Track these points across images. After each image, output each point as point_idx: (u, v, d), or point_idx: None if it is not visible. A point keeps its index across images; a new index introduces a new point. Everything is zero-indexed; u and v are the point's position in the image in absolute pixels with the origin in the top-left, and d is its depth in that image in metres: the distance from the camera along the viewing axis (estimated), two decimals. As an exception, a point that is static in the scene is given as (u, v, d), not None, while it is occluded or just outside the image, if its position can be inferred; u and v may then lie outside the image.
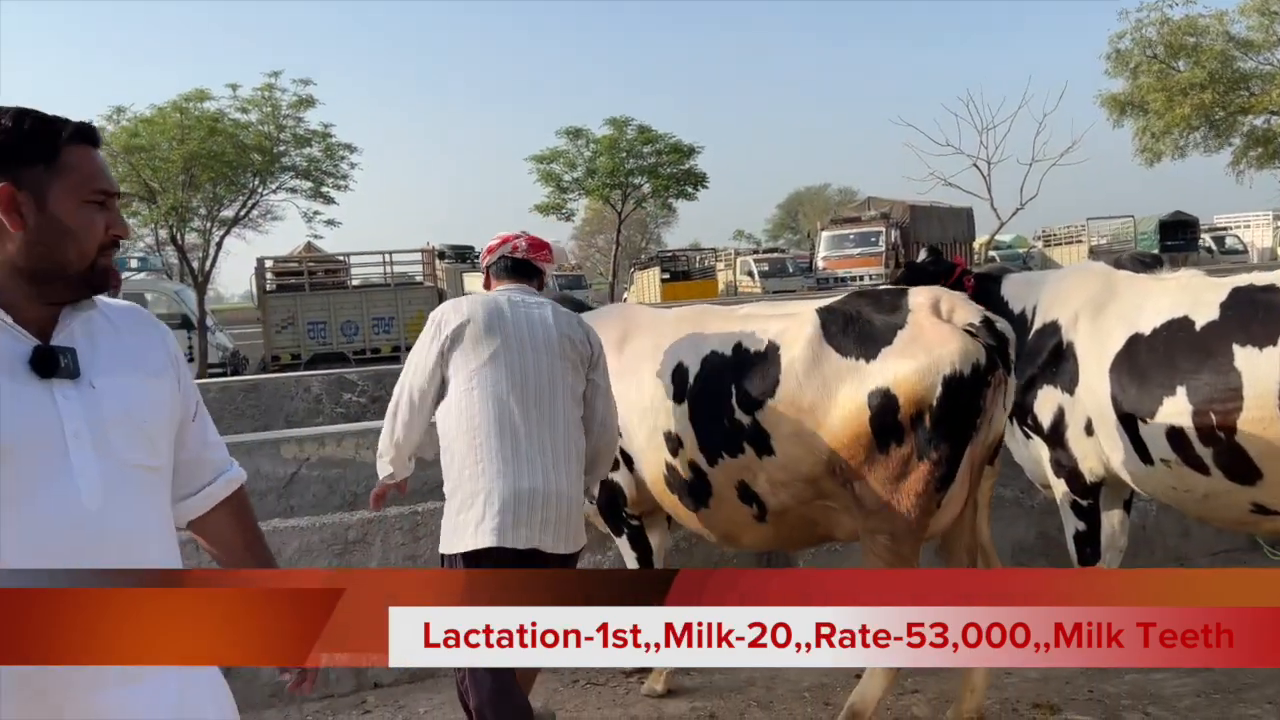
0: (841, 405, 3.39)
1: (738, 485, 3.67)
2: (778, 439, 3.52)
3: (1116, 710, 3.97)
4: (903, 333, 3.39)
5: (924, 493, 3.35)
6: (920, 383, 3.30)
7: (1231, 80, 23.03)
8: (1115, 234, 40.35)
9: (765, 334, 3.65)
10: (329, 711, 4.33)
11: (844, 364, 3.43)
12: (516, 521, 3.13)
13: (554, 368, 3.29)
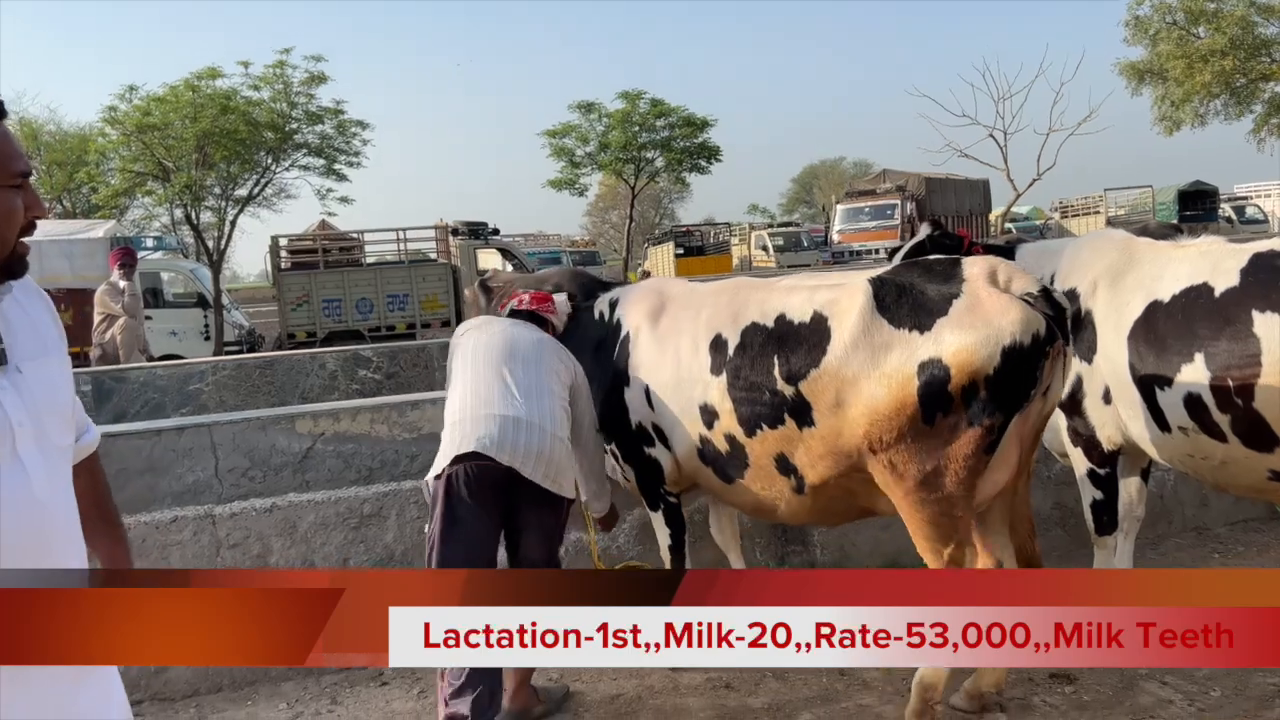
0: (888, 376, 3.32)
1: (776, 457, 3.63)
2: (819, 410, 3.47)
3: (1134, 679, 3.95)
4: (959, 302, 3.31)
5: (971, 458, 3.30)
6: (978, 353, 3.23)
7: (1253, 46, 22.68)
8: (1133, 204, 39.90)
9: (811, 304, 3.59)
10: (347, 684, 4.36)
11: (895, 335, 3.36)
12: (501, 441, 3.51)
13: (542, 356, 3.82)
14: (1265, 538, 5.52)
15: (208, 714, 4.14)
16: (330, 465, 5.19)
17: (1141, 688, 3.88)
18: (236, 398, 8.53)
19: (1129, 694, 3.84)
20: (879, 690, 4.01)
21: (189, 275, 19.06)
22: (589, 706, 4.00)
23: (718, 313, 3.86)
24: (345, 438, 5.23)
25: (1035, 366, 3.30)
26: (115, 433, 4.87)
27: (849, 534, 5.08)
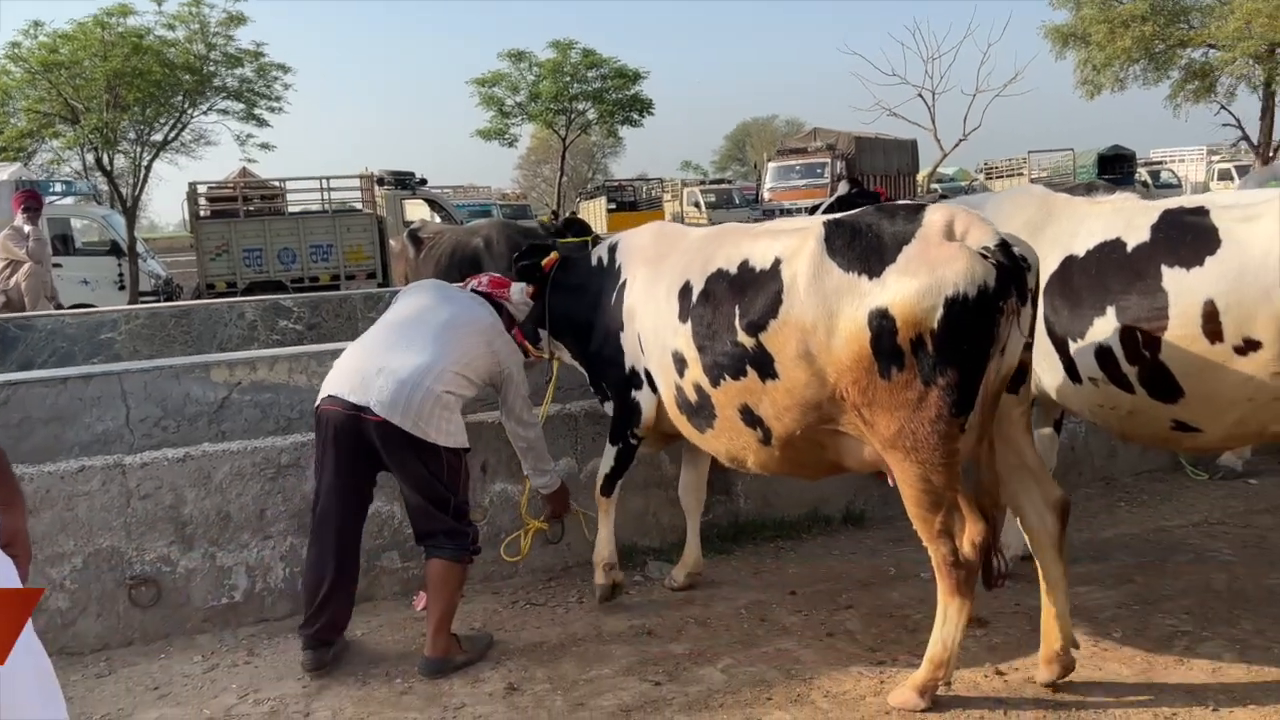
0: (843, 326, 3.21)
1: (740, 409, 3.57)
2: (781, 362, 3.38)
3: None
4: (908, 248, 3.16)
5: (940, 419, 3.13)
6: (920, 303, 3.07)
7: (1172, 13, 23.19)
8: (1055, 167, 40.71)
9: (772, 250, 3.49)
10: (264, 635, 4.30)
11: (845, 280, 3.23)
12: (362, 384, 3.80)
13: (454, 331, 3.96)
14: (1168, 487, 5.74)
15: (118, 667, 4.05)
16: (247, 415, 5.06)
17: (1048, 630, 4.00)
18: (151, 348, 8.26)
19: (1037, 636, 3.96)
20: (798, 635, 4.08)
21: (102, 222, 18.34)
22: (512, 654, 4.00)
23: (692, 260, 3.83)
24: (263, 387, 5.09)
25: (987, 322, 3.12)
26: (18, 380, 4.67)
27: (772, 484, 5.14)
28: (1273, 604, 4.14)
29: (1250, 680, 3.52)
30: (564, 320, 4.51)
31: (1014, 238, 3.35)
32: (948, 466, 3.22)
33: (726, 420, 3.65)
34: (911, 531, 5.24)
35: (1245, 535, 4.98)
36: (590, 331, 4.34)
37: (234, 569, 4.33)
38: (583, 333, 4.41)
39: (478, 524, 4.65)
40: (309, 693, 3.78)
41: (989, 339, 3.14)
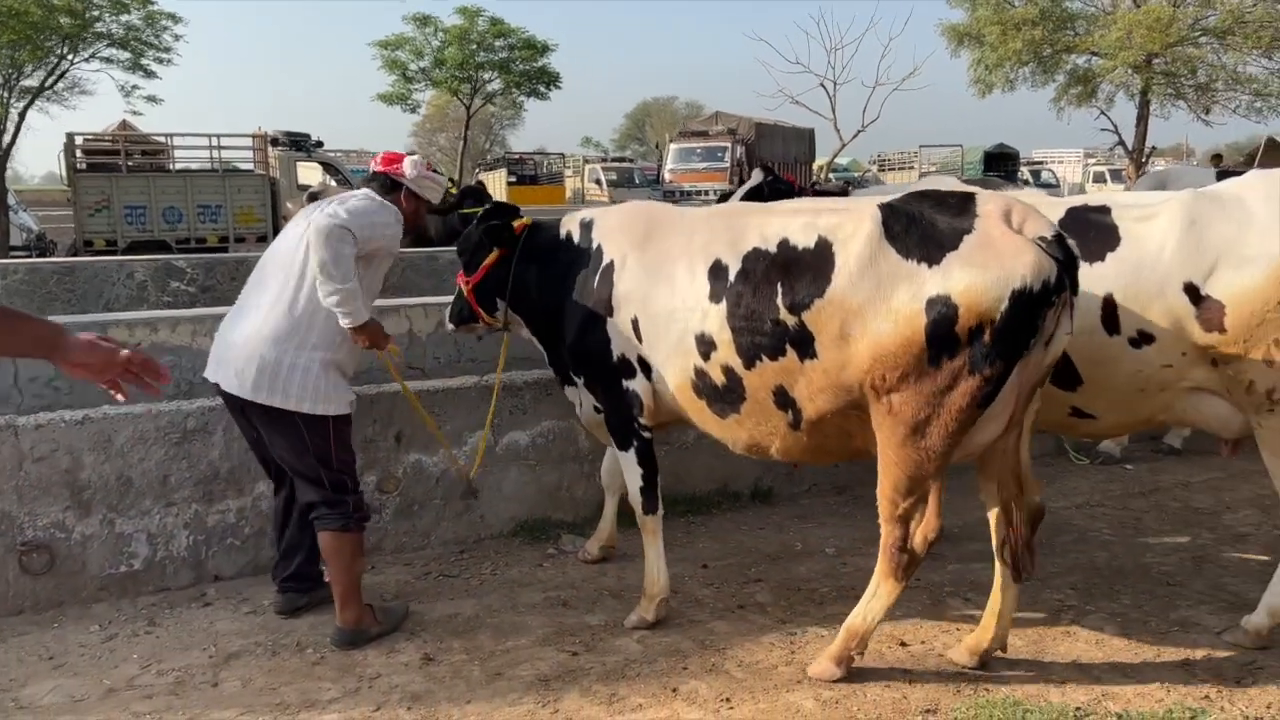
0: (895, 310, 3.14)
1: (775, 390, 3.45)
2: (822, 342, 3.29)
3: (941, 596, 4.28)
4: (970, 238, 3.11)
5: (966, 409, 3.13)
6: (988, 294, 3.04)
7: (1060, 19, 24.13)
8: (945, 161, 42.06)
9: (815, 229, 3.38)
10: (165, 604, 4.16)
11: (903, 266, 3.16)
12: (215, 358, 3.84)
13: (295, 250, 3.74)
14: (1053, 471, 6.04)
15: (8, 637, 3.86)
16: (147, 378, 4.87)
17: (948, 604, 4.20)
18: (30, 305, 7.81)
19: (937, 609, 4.15)
20: (711, 607, 4.17)
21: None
22: (427, 625, 3.98)
23: (715, 238, 3.62)
24: (163, 349, 4.89)
25: (1041, 315, 3.13)
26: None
27: (685, 460, 5.22)
28: (1148, 580, 4.42)
29: (1130, 650, 3.76)
30: (528, 295, 4.15)
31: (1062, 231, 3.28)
32: (946, 456, 3.24)
33: (757, 404, 3.50)
34: (817, 508, 5.46)
35: (1123, 516, 5.30)
36: (559, 314, 4.01)
37: (134, 536, 4.17)
38: (550, 313, 4.07)
39: (390, 494, 4.62)
40: (215, 663, 3.69)
41: (1039, 332, 3.16)
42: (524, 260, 4.15)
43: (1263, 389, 3.55)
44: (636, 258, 3.84)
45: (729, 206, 4.06)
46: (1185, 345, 3.63)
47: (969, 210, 3.20)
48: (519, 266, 4.15)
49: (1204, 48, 23.45)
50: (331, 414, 3.71)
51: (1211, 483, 5.83)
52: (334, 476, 3.76)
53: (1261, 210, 3.58)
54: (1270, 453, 3.65)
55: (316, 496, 3.77)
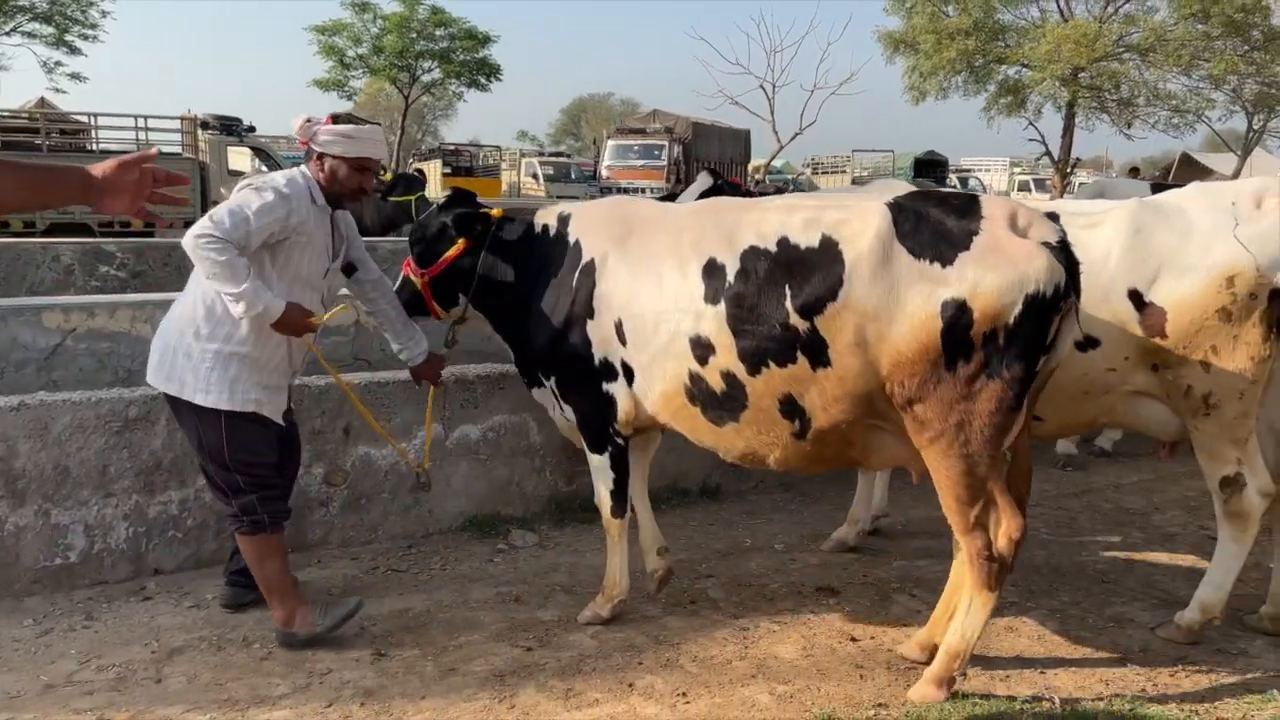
0: (909, 314, 3.07)
1: (782, 398, 3.30)
2: (836, 349, 3.17)
3: (888, 592, 4.36)
4: (979, 239, 3.06)
5: (998, 412, 3.08)
6: (1003, 297, 3.01)
7: (992, 30, 24.73)
8: (876, 166, 42.93)
9: (818, 226, 3.25)
10: (103, 599, 4.03)
11: (916, 266, 3.08)
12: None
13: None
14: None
15: (-65, 632, 3.71)
16: (83, 364, 4.72)
17: (895, 600, 4.28)
18: (-52, 287, 7.52)
19: (885, 605, 4.23)
20: (663, 602, 4.18)
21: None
22: (377, 621, 3.91)
23: (705, 235, 3.47)
24: (101, 335, 4.77)
25: (1051, 319, 3.11)
26: None
27: (634, 456, 5.22)
28: (1084, 578, 4.56)
29: (1070, 645, 3.87)
30: (497, 291, 3.94)
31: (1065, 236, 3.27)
32: (995, 459, 3.16)
33: (760, 412, 3.35)
34: (764, 504, 5.51)
35: (1058, 516, 5.45)
36: (529, 313, 3.84)
37: (70, 528, 4.03)
38: (522, 312, 3.87)
39: (337, 487, 4.54)
40: (158, 658, 3.58)
41: (1051, 334, 3.15)
42: (493, 254, 3.93)
43: (1199, 393, 3.69)
44: (621, 254, 3.66)
45: (716, 202, 3.88)
46: (1128, 350, 3.76)
47: (975, 212, 3.14)
48: (488, 260, 3.93)
49: (1127, 64, 24.25)
50: (224, 408, 3.50)
51: (1141, 484, 6.04)
52: (225, 476, 3.58)
53: (1202, 221, 3.72)
54: (1204, 455, 3.79)
55: (212, 492, 3.76)
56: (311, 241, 3.61)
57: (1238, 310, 3.60)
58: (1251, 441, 3.73)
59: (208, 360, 3.50)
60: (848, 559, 4.73)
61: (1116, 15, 24.38)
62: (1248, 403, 3.67)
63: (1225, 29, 22.78)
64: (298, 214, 3.52)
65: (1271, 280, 3.58)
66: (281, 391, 3.73)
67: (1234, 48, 23.19)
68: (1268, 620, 3.95)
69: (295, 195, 3.53)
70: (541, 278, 3.83)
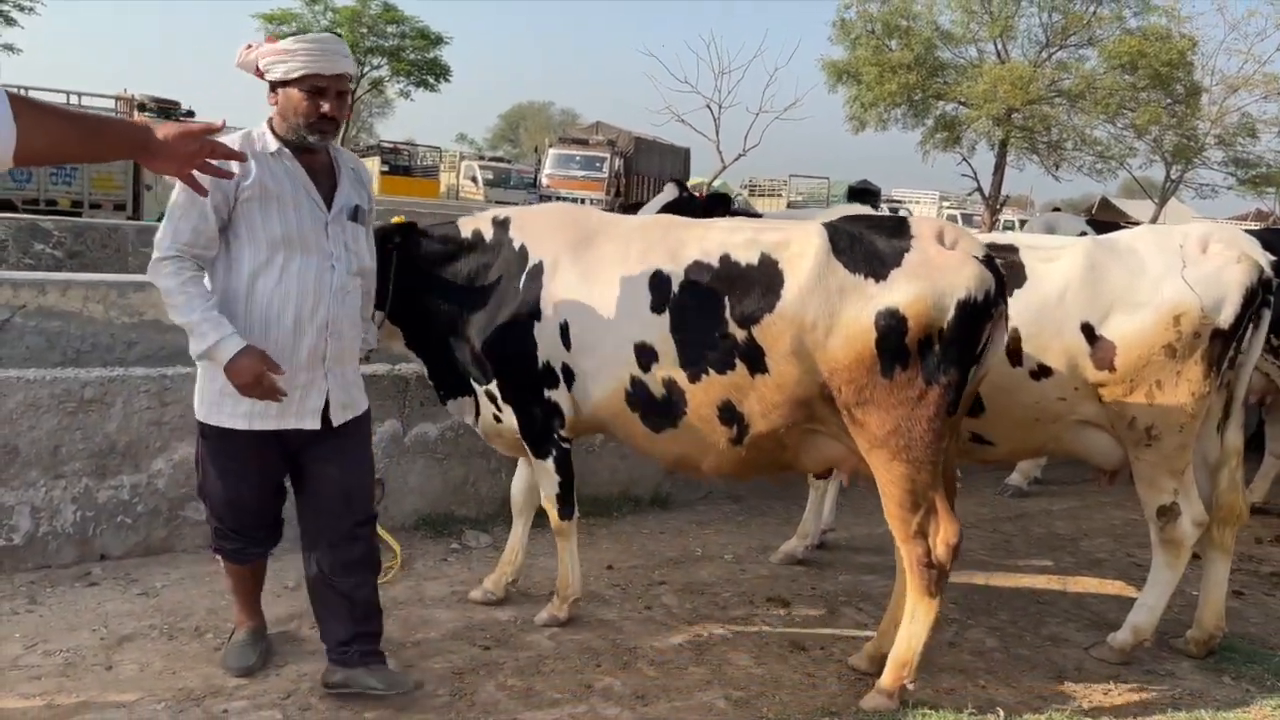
0: (845, 325, 3.23)
1: (721, 405, 3.42)
2: (774, 356, 3.31)
3: (835, 605, 4.46)
4: (909, 256, 3.25)
5: (936, 417, 3.22)
6: (936, 305, 3.19)
7: (933, 66, 25.36)
8: (811, 192, 43.60)
9: (758, 244, 3.42)
10: (46, 583, 3.92)
11: (851, 280, 3.26)
12: None
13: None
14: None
15: None
16: (30, 342, 4.59)
17: (842, 613, 4.39)
18: (-126, 257, 7.23)
19: (833, 618, 4.33)
20: (618, 606, 4.23)
21: None
22: (332, 614, 3.88)
23: (651, 247, 3.57)
24: (51, 313, 4.64)
25: (984, 325, 3.28)
26: None
27: (589, 462, 5.26)
28: (1021, 597, 4.73)
29: (1009, 662, 4.02)
30: (419, 303, 3.84)
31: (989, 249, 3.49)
32: (934, 464, 3.29)
33: (699, 418, 3.46)
34: (714, 515, 5.59)
35: (994, 539, 5.64)
36: (462, 319, 3.79)
37: (16, 508, 3.92)
38: (450, 319, 3.82)
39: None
40: (107, 645, 3.51)
41: (983, 341, 3.33)
42: (409, 264, 3.80)
43: (1143, 425, 3.87)
44: (570, 260, 3.69)
45: (660, 219, 4.00)
46: (1078, 380, 3.93)
47: (905, 231, 3.34)
48: (402, 272, 3.78)
49: (1058, 108, 25.10)
50: (200, 419, 3.18)
51: (1070, 511, 6.28)
52: (199, 486, 3.35)
53: (1153, 261, 3.91)
54: (1144, 484, 3.97)
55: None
56: (275, 195, 3.03)
57: (1182, 347, 3.80)
58: (1188, 473, 3.93)
59: (200, 369, 3.15)
60: (796, 571, 4.83)
61: (1050, 61, 25.22)
62: (1187, 435, 3.87)
63: (1151, 81, 23.75)
64: (241, 173, 2.96)
65: (1214, 321, 3.79)
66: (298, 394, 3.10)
67: (1158, 99, 24.18)
68: (1193, 644, 4.15)
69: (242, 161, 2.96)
70: (476, 282, 3.78)
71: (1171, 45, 23.34)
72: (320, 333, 3.11)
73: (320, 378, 3.14)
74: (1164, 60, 23.09)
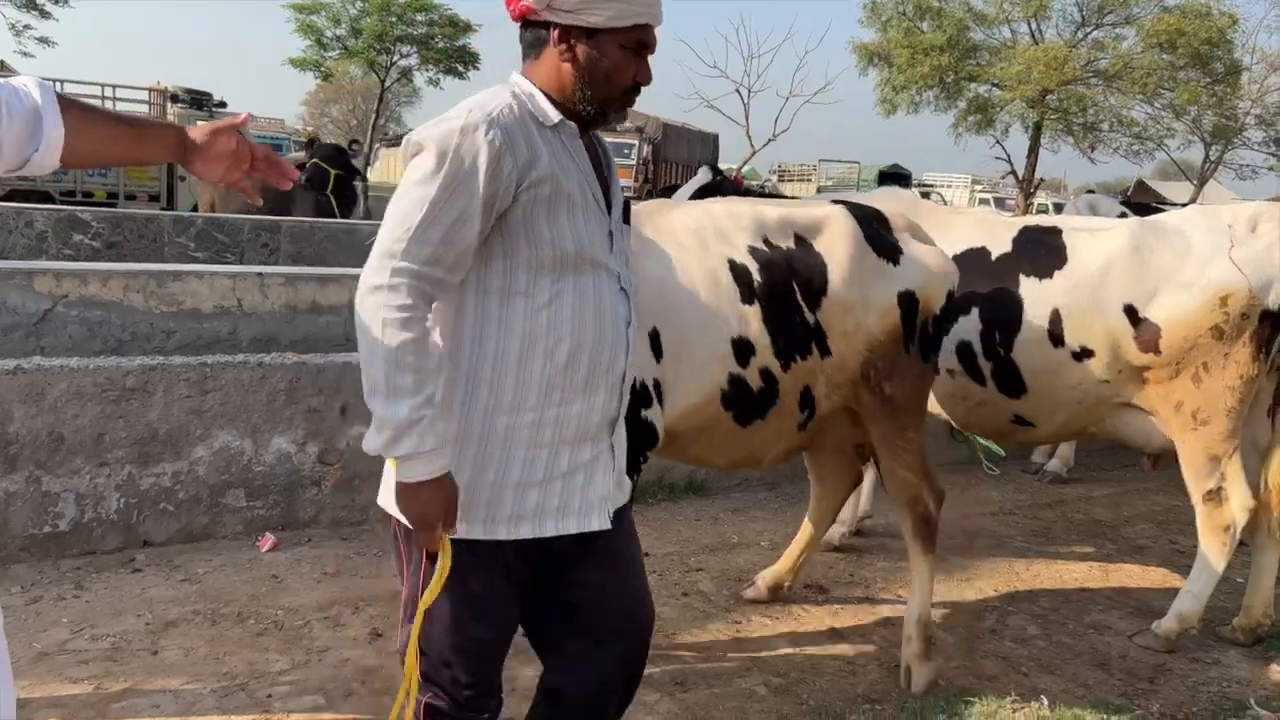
0: (877, 305, 3.39)
1: (802, 391, 3.39)
2: (832, 338, 3.38)
3: (874, 591, 4.44)
4: (908, 245, 3.52)
5: (927, 387, 3.67)
6: (938, 290, 3.50)
7: (965, 48, 25.10)
8: (841, 177, 43.26)
9: (793, 227, 3.41)
10: (91, 569, 3.97)
11: (878, 264, 3.43)
12: None
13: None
14: (966, 479, 6.29)
15: (-80, 596, 3.64)
16: (73, 332, 4.64)
17: (880, 599, 4.36)
18: (-83, 249, 7.35)
19: (871, 604, 4.30)
20: (655, 593, 4.17)
21: None
22: (372, 601, 3.89)
23: (707, 238, 3.31)
24: (93, 303, 4.68)
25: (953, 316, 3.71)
26: None
27: (624, 448, 5.25)
28: (1062, 584, 4.68)
29: (1051, 649, 3.97)
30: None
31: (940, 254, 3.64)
32: (924, 430, 3.66)
33: (786, 407, 3.37)
34: (749, 502, 5.57)
35: (1033, 525, 5.58)
36: None
37: (62, 496, 3.97)
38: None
39: (331, 466, 4.52)
40: (153, 630, 3.54)
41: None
42: None
43: (1189, 409, 3.81)
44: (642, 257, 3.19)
45: (700, 204, 3.77)
46: (1122, 363, 3.87)
47: (886, 221, 3.58)
48: None
49: (1094, 88, 24.74)
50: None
51: (1110, 498, 6.19)
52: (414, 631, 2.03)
53: (1200, 242, 3.84)
54: (1190, 469, 3.90)
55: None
56: (566, 193, 2.01)
57: (1229, 329, 3.72)
58: (1236, 458, 3.85)
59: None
60: (833, 558, 4.81)
61: (1086, 41, 24.86)
62: (1234, 419, 3.80)
63: (1190, 60, 23.35)
64: (516, 158, 1.93)
65: (1263, 302, 3.71)
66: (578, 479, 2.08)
67: (1197, 79, 23.76)
68: (1240, 632, 4.08)
69: (501, 131, 1.93)
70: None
71: (1211, 23, 22.93)
72: (616, 387, 2.11)
73: (607, 452, 2.13)
74: (1203, 38, 22.69)
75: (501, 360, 1.98)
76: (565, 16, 1.99)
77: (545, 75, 2.05)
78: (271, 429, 4.37)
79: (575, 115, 2.05)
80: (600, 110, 2.08)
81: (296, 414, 4.41)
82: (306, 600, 3.87)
